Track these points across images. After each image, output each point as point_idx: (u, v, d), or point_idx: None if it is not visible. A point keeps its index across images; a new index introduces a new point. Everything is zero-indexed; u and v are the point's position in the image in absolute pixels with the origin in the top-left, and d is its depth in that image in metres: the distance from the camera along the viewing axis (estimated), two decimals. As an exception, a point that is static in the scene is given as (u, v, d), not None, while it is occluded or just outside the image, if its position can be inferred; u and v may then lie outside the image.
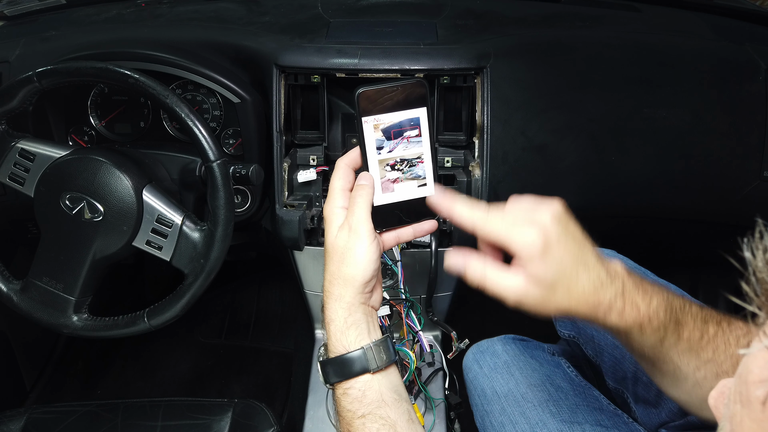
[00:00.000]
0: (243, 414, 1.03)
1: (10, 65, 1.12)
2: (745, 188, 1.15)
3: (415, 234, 0.71)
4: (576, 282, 0.60)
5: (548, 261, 0.59)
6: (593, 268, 0.61)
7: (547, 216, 0.61)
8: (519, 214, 0.62)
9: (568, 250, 0.60)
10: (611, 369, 0.99)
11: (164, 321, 0.92)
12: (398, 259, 1.07)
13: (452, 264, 0.65)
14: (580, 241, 0.62)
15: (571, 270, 0.60)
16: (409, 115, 0.67)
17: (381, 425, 0.63)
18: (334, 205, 0.68)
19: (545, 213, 0.61)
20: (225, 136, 1.14)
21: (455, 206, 0.65)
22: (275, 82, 1.06)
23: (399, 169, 0.69)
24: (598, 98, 1.12)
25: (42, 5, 1.29)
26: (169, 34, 1.16)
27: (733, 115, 1.13)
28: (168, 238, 0.91)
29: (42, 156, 0.95)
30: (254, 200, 1.11)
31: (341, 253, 0.66)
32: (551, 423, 0.86)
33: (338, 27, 1.14)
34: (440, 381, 1.26)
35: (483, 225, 0.62)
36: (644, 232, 1.37)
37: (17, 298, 0.96)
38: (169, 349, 1.79)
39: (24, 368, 1.59)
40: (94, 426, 1.02)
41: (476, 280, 0.63)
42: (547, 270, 0.59)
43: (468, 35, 1.11)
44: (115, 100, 1.17)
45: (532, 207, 0.62)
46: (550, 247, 0.59)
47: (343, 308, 0.66)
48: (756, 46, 1.15)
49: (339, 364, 0.66)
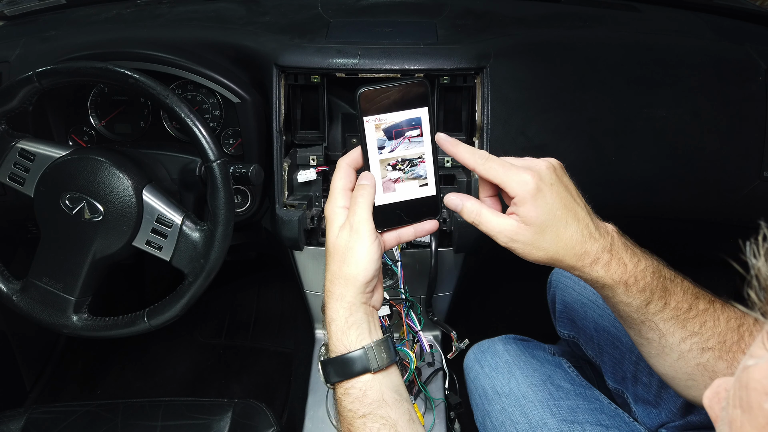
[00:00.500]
0: (243, 414, 1.03)
1: (10, 65, 1.12)
2: (745, 188, 1.15)
3: (416, 234, 0.72)
4: (565, 228, 0.63)
5: (540, 204, 0.62)
6: (582, 220, 0.64)
7: (543, 164, 0.64)
8: (518, 160, 0.66)
9: (560, 197, 0.63)
10: (611, 369, 0.99)
11: (164, 321, 0.92)
12: (398, 259, 1.07)
13: (451, 203, 0.68)
14: (572, 193, 0.65)
15: (561, 216, 0.63)
16: (411, 115, 0.67)
17: (382, 425, 0.64)
18: (335, 205, 0.68)
19: (542, 162, 0.65)
20: (225, 136, 1.14)
21: (459, 146, 0.67)
22: (275, 82, 1.06)
23: (400, 169, 0.69)
24: (598, 98, 1.12)
25: (42, 5, 1.29)
26: (168, 34, 1.16)
27: (733, 115, 1.13)
28: (168, 238, 0.91)
29: (42, 156, 0.95)
30: (254, 200, 1.11)
31: (342, 252, 0.66)
32: (552, 422, 0.86)
33: (338, 27, 1.14)
34: (440, 381, 1.26)
35: (483, 163, 0.65)
36: (644, 232, 1.36)
37: (17, 298, 0.96)
38: (169, 349, 1.78)
39: (24, 368, 1.59)
40: (94, 426, 1.02)
41: (472, 217, 0.66)
42: (538, 212, 0.62)
43: (468, 35, 1.11)
44: (115, 100, 1.17)
45: (531, 157, 0.67)
46: (542, 191, 0.62)
47: (344, 308, 0.66)
48: (756, 46, 1.15)
49: (340, 363, 0.66)
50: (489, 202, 0.68)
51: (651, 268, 0.65)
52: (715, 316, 0.65)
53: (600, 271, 0.64)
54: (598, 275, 0.64)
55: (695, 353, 0.65)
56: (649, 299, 0.64)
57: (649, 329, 0.67)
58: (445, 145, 0.68)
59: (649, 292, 0.64)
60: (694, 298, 0.66)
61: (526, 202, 0.62)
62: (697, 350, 0.65)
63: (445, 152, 0.68)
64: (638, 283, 0.64)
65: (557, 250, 0.63)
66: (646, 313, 0.65)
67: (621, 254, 0.64)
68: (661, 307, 0.65)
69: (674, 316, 0.65)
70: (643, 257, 0.65)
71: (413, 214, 0.71)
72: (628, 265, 0.64)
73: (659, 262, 0.67)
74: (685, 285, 0.67)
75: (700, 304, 0.66)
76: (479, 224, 0.66)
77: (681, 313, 0.65)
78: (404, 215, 0.70)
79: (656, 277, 0.65)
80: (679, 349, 0.66)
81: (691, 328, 0.65)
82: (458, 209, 0.68)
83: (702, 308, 0.65)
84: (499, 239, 0.64)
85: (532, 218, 0.62)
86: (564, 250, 0.63)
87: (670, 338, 0.66)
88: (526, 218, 0.63)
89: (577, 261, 0.63)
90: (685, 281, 0.67)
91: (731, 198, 1.16)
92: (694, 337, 0.65)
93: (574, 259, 0.63)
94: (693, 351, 0.65)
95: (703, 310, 0.65)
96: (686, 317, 0.65)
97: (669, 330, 0.66)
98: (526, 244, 0.63)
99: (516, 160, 0.66)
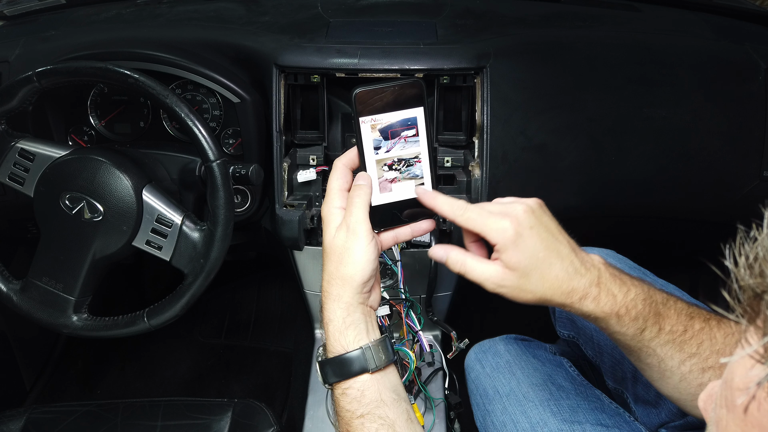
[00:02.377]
0: (243, 414, 1.03)
1: (10, 65, 1.12)
2: (744, 188, 1.15)
3: (413, 233, 0.72)
4: (549, 269, 0.63)
5: (521, 249, 0.62)
6: (566, 257, 0.64)
7: (521, 208, 0.64)
8: (495, 207, 0.66)
9: (540, 239, 0.63)
10: (611, 369, 0.99)
11: (164, 321, 0.92)
12: (398, 259, 1.07)
13: (435, 255, 0.69)
14: (553, 232, 0.65)
15: (543, 258, 0.63)
16: (406, 115, 0.68)
17: (380, 425, 0.64)
18: (332, 206, 0.68)
19: (519, 206, 0.65)
20: (225, 136, 1.14)
21: (438, 198, 0.68)
22: (275, 81, 1.06)
23: (396, 169, 0.69)
24: (597, 98, 1.12)
25: (42, 5, 1.29)
26: (168, 33, 1.16)
27: (733, 115, 1.13)
28: (168, 238, 0.91)
29: (42, 156, 0.95)
30: (254, 200, 1.11)
31: (339, 253, 0.66)
32: (552, 422, 0.86)
33: (338, 27, 1.14)
34: (440, 381, 1.26)
35: (462, 214, 0.66)
36: (644, 232, 1.37)
37: (17, 298, 0.96)
38: (169, 349, 1.79)
39: (24, 368, 1.59)
40: (94, 426, 1.02)
41: (457, 267, 0.67)
42: (520, 257, 0.62)
43: (468, 35, 1.11)
44: (115, 100, 1.17)
45: (510, 201, 0.66)
46: (522, 236, 0.63)
47: (341, 308, 0.66)
48: (756, 46, 1.15)
49: (338, 364, 0.66)
50: (474, 248, 0.69)
51: (642, 296, 0.65)
52: (711, 334, 0.65)
53: (590, 305, 0.63)
54: (589, 309, 0.64)
55: (696, 374, 0.65)
56: (642, 327, 0.64)
57: (648, 355, 0.67)
58: (424, 198, 0.69)
59: (642, 320, 0.64)
60: (689, 319, 0.66)
61: (507, 248, 0.63)
62: (698, 371, 0.65)
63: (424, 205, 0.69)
64: (630, 312, 0.64)
65: (544, 291, 0.63)
66: (642, 340, 0.65)
67: (609, 286, 0.64)
68: (656, 333, 0.65)
69: (671, 340, 0.65)
70: (632, 286, 0.65)
71: (410, 213, 0.71)
72: (618, 296, 0.64)
73: (650, 287, 0.67)
74: (679, 306, 0.67)
75: (695, 324, 0.66)
76: (465, 273, 0.66)
77: (677, 336, 0.65)
78: (401, 215, 0.70)
79: (647, 304, 0.64)
80: (679, 372, 0.66)
81: (689, 350, 0.65)
82: (443, 261, 0.68)
83: (698, 328, 0.65)
84: (487, 286, 0.65)
85: (514, 263, 0.63)
86: (551, 290, 0.63)
87: (669, 362, 0.66)
88: (509, 264, 0.63)
89: (565, 299, 0.63)
90: (679, 302, 0.67)
91: (731, 198, 1.16)
92: (693, 358, 0.65)
93: (562, 297, 0.63)
94: (693, 372, 0.65)
95: (699, 329, 0.65)
96: (683, 339, 0.65)
97: (667, 354, 0.65)
98: (513, 288, 0.64)
99: (494, 205, 0.66)
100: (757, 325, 0.32)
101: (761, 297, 0.32)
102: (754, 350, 0.32)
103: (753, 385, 0.31)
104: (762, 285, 0.32)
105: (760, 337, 0.32)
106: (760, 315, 0.32)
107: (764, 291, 0.32)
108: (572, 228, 0.69)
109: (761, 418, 0.31)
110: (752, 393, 0.31)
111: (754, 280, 0.32)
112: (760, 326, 0.32)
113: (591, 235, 1.30)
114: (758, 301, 0.32)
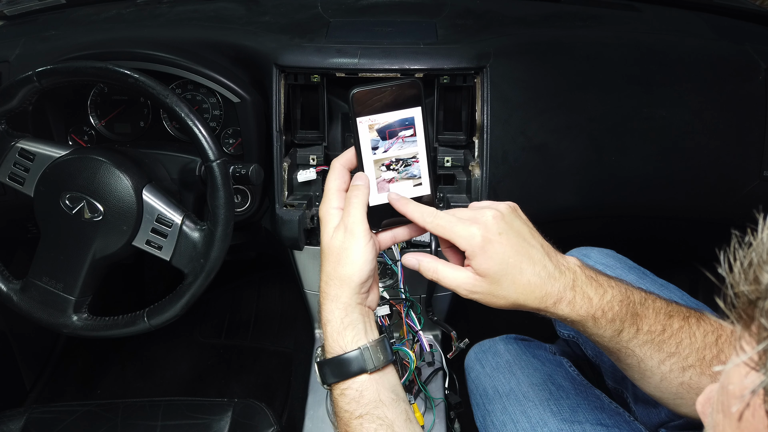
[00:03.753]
0: (243, 414, 1.03)
1: (10, 65, 1.12)
2: (744, 187, 1.15)
3: (411, 234, 0.72)
4: (520, 275, 0.62)
5: (490, 255, 0.62)
6: (539, 262, 0.63)
7: (490, 214, 0.64)
8: (466, 213, 0.66)
9: (510, 245, 0.63)
10: (611, 369, 0.99)
11: (164, 321, 0.92)
12: (398, 259, 1.07)
13: (408, 263, 0.69)
14: (525, 237, 0.65)
15: (514, 263, 0.62)
16: (404, 115, 0.68)
17: (378, 425, 0.64)
18: (330, 206, 0.68)
19: (489, 211, 0.64)
20: (225, 135, 1.14)
21: (408, 204, 0.68)
22: (275, 81, 1.06)
23: (394, 169, 0.69)
24: (597, 98, 1.12)
25: (42, 5, 1.29)
26: (168, 33, 1.16)
27: (733, 115, 1.13)
28: (168, 238, 0.91)
29: (42, 156, 0.95)
30: (254, 200, 1.11)
31: (337, 253, 0.66)
32: (552, 422, 0.86)
33: (338, 27, 1.14)
34: (440, 381, 1.26)
35: (432, 221, 0.65)
36: (644, 232, 1.37)
37: (17, 297, 0.96)
38: (169, 349, 1.79)
39: (24, 368, 1.59)
40: (94, 426, 1.02)
41: (429, 274, 0.67)
42: (489, 264, 0.62)
43: (468, 35, 1.11)
44: (115, 99, 1.17)
45: (482, 206, 0.66)
46: (490, 241, 0.62)
47: (339, 309, 0.66)
48: (756, 46, 1.15)
49: (336, 364, 0.66)
50: (449, 254, 0.69)
51: (618, 297, 0.64)
52: (690, 332, 0.65)
53: (565, 309, 0.63)
54: (564, 313, 0.63)
55: (676, 373, 0.65)
56: (620, 328, 0.64)
57: (627, 356, 0.66)
58: (396, 204, 0.68)
59: (619, 322, 0.64)
60: (667, 318, 0.65)
61: (476, 255, 0.62)
62: (678, 370, 0.65)
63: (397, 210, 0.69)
64: (606, 314, 0.63)
65: (517, 296, 0.63)
66: (620, 341, 0.65)
67: (585, 289, 0.64)
68: (633, 334, 0.64)
69: (649, 340, 0.65)
70: (609, 287, 0.65)
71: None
72: (594, 298, 0.63)
73: (628, 286, 0.66)
74: (657, 305, 0.66)
75: (674, 323, 0.65)
76: (438, 280, 0.66)
77: (655, 336, 0.65)
78: (399, 215, 0.70)
79: (624, 305, 0.64)
80: (659, 371, 0.66)
81: (668, 349, 0.65)
82: (416, 268, 0.68)
83: (677, 327, 0.65)
84: (460, 292, 0.65)
85: (484, 270, 0.62)
86: (524, 295, 0.63)
87: (648, 362, 0.66)
88: (479, 270, 0.63)
89: (539, 303, 0.63)
90: (657, 301, 0.67)
91: (731, 197, 1.16)
92: (672, 357, 0.65)
93: (536, 302, 0.63)
94: (674, 371, 0.65)
95: (678, 328, 0.65)
96: (661, 339, 0.65)
97: (646, 354, 0.65)
98: (485, 294, 0.64)
99: (465, 212, 0.66)
100: (752, 332, 0.32)
101: (755, 304, 0.31)
102: (749, 358, 0.31)
103: (747, 392, 0.31)
104: (756, 291, 0.31)
105: (755, 344, 0.31)
106: (754, 322, 0.32)
107: (758, 297, 0.31)
108: (572, 228, 0.69)
109: (756, 424, 0.31)
110: (747, 400, 0.31)
111: (749, 287, 0.32)
112: (755, 333, 0.32)
113: (591, 234, 1.31)
114: (752, 308, 0.32)
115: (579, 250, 1.08)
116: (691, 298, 0.97)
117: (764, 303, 0.31)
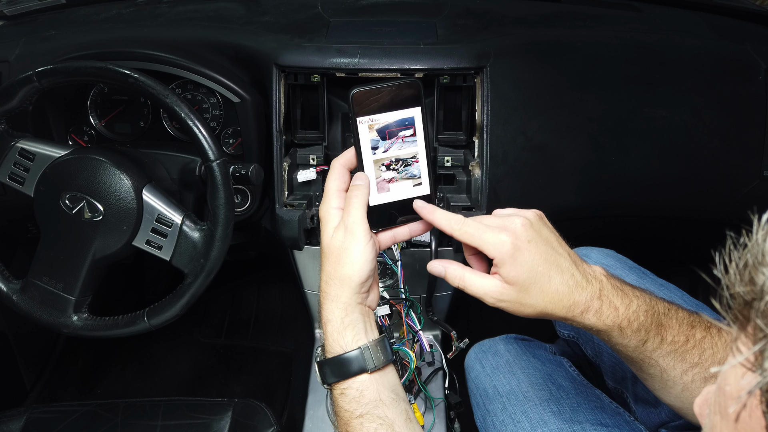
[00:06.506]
0: (243, 413, 1.03)
1: (10, 65, 1.12)
2: (744, 187, 1.15)
3: (411, 233, 0.72)
4: (549, 283, 0.62)
5: (519, 263, 0.62)
6: (567, 271, 0.63)
7: (519, 221, 0.63)
8: (494, 220, 0.65)
9: (539, 253, 0.62)
10: (611, 369, 0.99)
11: (164, 321, 0.92)
12: (398, 259, 1.07)
13: (434, 270, 0.68)
14: (553, 245, 0.64)
15: (543, 272, 0.62)
16: (404, 115, 0.68)
17: (379, 425, 0.64)
18: (330, 206, 0.68)
19: (518, 219, 0.64)
20: (225, 135, 1.14)
21: (436, 212, 0.68)
22: (275, 81, 1.06)
23: (394, 169, 0.69)
24: (597, 98, 1.12)
25: (42, 5, 1.29)
26: (168, 33, 1.16)
27: (733, 115, 1.13)
28: (168, 238, 0.91)
29: (42, 156, 0.95)
30: (254, 200, 1.11)
31: (337, 253, 0.66)
32: (552, 422, 0.86)
33: (338, 26, 1.14)
34: (440, 380, 1.26)
35: (459, 228, 0.65)
36: (644, 231, 1.37)
37: (17, 297, 0.96)
38: (169, 349, 1.79)
39: (24, 368, 1.59)
40: (94, 426, 1.02)
41: (456, 282, 0.66)
42: (519, 271, 0.62)
43: (468, 35, 1.11)
44: (115, 99, 1.17)
45: (508, 214, 0.65)
46: (520, 250, 0.62)
47: (339, 308, 0.66)
48: (756, 46, 1.15)
49: (336, 364, 0.66)
50: (474, 261, 0.68)
51: (644, 307, 0.64)
52: (713, 343, 0.65)
53: (592, 318, 0.63)
54: (591, 323, 0.63)
55: (698, 383, 0.65)
56: (645, 338, 0.64)
57: (650, 366, 0.66)
58: (423, 212, 0.68)
59: (644, 332, 0.64)
60: (690, 328, 0.65)
61: (505, 263, 0.62)
62: (700, 380, 0.65)
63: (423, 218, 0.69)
64: (632, 324, 0.63)
65: (545, 305, 0.62)
66: (644, 351, 0.65)
67: (611, 298, 0.63)
68: (658, 344, 0.64)
69: (672, 351, 0.64)
70: (634, 297, 0.65)
71: (408, 213, 0.71)
72: (620, 308, 0.63)
73: (652, 296, 0.66)
74: (680, 315, 0.66)
75: (696, 333, 0.65)
76: (465, 288, 0.65)
77: (679, 347, 0.64)
78: (399, 215, 0.70)
79: (649, 315, 0.64)
80: (682, 382, 0.66)
81: (691, 360, 0.64)
82: (442, 275, 0.68)
83: (699, 337, 0.65)
84: (487, 300, 0.64)
85: (513, 278, 0.62)
86: (552, 304, 0.62)
87: (671, 372, 0.65)
88: (508, 278, 0.62)
89: (567, 312, 0.63)
90: (680, 311, 0.67)
91: (731, 197, 1.16)
92: (695, 368, 0.65)
93: (563, 311, 0.63)
94: (696, 381, 0.65)
95: (700, 339, 0.65)
96: (684, 349, 0.64)
97: (669, 365, 0.65)
98: (513, 302, 0.63)
99: (492, 219, 0.65)
100: (748, 333, 0.32)
101: (751, 305, 0.31)
102: (745, 358, 0.31)
103: (744, 393, 0.31)
104: (752, 292, 0.31)
105: (751, 345, 0.31)
106: (750, 323, 0.32)
107: (754, 299, 0.31)
108: (572, 228, 0.69)
109: (753, 425, 0.31)
110: (743, 401, 0.31)
111: (744, 288, 0.32)
112: (751, 334, 0.32)
113: (591, 234, 1.31)
114: (748, 309, 0.32)
115: (579, 250, 1.08)
116: (691, 299, 0.97)
117: (760, 304, 0.31)
